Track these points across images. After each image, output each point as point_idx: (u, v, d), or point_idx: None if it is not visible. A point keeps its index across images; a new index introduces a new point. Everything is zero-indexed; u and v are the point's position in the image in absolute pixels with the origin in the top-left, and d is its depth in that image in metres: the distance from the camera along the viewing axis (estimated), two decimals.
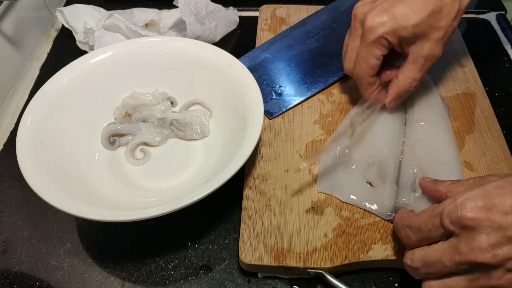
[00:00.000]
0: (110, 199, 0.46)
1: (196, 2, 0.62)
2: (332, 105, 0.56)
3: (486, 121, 0.53)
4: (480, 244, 0.32)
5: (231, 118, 0.51)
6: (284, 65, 0.61)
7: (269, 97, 0.57)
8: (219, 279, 0.44)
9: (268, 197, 0.47)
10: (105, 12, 0.67)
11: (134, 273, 0.45)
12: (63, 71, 0.52)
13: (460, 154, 0.50)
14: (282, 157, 0.51)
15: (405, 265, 0.38)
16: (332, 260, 0.42)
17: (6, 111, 0.61)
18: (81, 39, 0.65)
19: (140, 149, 0.53)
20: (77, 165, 0.48)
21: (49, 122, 0.48)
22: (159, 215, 0.39)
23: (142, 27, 0.64)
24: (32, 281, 0.45)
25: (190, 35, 0.62)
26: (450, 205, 0.34)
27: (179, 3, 0.60)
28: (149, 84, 0.55)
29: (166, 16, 0.67)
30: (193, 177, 0.50)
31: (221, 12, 0.66)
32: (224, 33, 0.68)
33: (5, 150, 0.56)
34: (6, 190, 0.52)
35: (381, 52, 0.47)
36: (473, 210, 0.33)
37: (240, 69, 0.51)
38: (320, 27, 0.65)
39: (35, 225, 0.49)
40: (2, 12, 0.60)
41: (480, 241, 0.32)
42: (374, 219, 0.45)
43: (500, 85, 0.61)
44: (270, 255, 0.43)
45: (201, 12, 0.63)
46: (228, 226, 0.48)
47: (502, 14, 0.71)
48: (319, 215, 0.46)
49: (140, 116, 0.54)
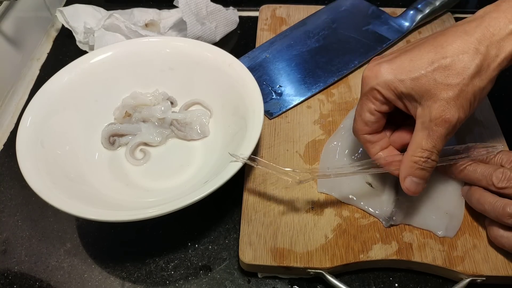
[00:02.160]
0: (110, 199, 0.46)
1: (197, 2, 0.62)
2: (332, 105, 0.56)
3: (486, 121, 0.53)
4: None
5: (231, 118, 0.51)
6: (284, 65, 0.61)
7: (269, 97, 0.57)
8: (219, 279, 0.44)
9: (268, 197, 0.47)
10: (105, 12, 0.67)
11: (134, 273, 0.45)
12: (63, 71, 0.52)
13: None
14: (282, 157, 0.51)
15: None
16: (332, 260, 0.42)
17: (6, 111, 0.61)
18: (81, 39, 0.65)
19: (140, 149, 0.53)
20: (77, 165, 0.48)
21: (49, 122, 0.48)
22: (159, 215, 0.39)
23: (142, 27, 0.64)
24: (32, 281, 0.45)
25: (191, 35, 0.62)
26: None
27: (179, 4, 0.61)
28: (149, 84, 0.55)
29: (166, 16, 0.67)
30: (193, 177, 0.50)
31: (221, 12, 0.66)
32: (224, 33, 0.68)
33: (5, 150, 0.56)
34: (6, 190, 0.52)
35: (374, 106, 0.41)
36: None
37: (240, 69, 0.51)
38: (320, 27, 0.65)
39: (35, 225, 0.49)
40: (2, 12, 0.60)
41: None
42: (374, 219, 0.45)
43: (500, 85, 0.61)
44: (270, 255, 0.43)
45: (201, 12, 0.63)
46: (228, 226, 0.48)
47: None
48: (319, 215, 0.46)
49: (140, 116, 0.54)
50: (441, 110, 0.37)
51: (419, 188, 0.40)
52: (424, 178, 0.40)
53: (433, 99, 0.37)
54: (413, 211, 0.45)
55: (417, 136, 0.39)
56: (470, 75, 0.37)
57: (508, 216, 0.39)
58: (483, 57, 0.37)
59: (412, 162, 0.39)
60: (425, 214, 0.45)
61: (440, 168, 0.45)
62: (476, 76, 0.37)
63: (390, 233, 0.44)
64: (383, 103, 0.40)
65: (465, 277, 0.42)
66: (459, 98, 0.37)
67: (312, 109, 0.56)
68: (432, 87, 0.37)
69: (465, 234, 0.44)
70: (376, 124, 0.42)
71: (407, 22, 0.64)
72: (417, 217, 0.45)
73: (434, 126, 0.37)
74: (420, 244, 0.43)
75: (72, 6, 0.66)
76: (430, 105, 0.37)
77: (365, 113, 0.41)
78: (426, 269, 0.44)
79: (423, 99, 0.38)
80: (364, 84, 0.41)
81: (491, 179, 0.41)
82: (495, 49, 0.37)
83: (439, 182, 0.46)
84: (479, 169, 0.43)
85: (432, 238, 0.44)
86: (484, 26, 0.37)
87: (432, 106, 0.37)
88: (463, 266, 0.42)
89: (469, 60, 0.37)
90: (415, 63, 0.38)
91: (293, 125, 0.54)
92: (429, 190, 0.46)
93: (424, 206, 0.45)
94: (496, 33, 0.37)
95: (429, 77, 0.37)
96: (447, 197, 0.45)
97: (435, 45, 0.38)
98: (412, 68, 0.38)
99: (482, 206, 0.42)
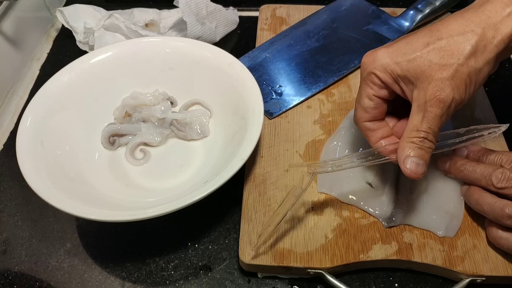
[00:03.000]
0: (110, 199, 0.46)
1: (197, 2, 0.62)
2: (332, 105, 0.56)
3: (486, 121, 0.53)
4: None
5: (231, 118, 0.51)
6: (284, 65, 0.61)
7: (269, 97, 0.57)
8: (219, 279, 0.44)
9: (268, 197, 0.47)
10: (105, 12, 0.67)
11: (134, 273, 0.45)
12: (63, 71, 0.52)
13: None
14: (282, 157, 0.51)
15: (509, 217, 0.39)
16: (332, 260, 0.42)
17: (6, 111, 0.61)
18: (81, 39, 0.65)
19: (140, 149, 0.53)
20: (77, 165, 0.48)
21: (49, 122, 0.48)
22: (159, 215, 0.39)
23: (142, 27, 0.64)
24: (32, 281, 0.45)
25: (191, 35, 0.62)
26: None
27: (179, 4, 0.61)
28: (149, 84, 0.55)
29: (166, 16, 0.67)
30: (193, 177, 0.50)
31: (221, 12, 0.66)
32: (224, 33, 0.68)
33: (5, 150, 0.56)
34: (6, 190, 0.52)
35: (372, 91, 0.41)
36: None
37: (240, 69, 0.51)
38: (320, 27, 0.65)
39: (35, 225, 0.49)
40: (2, 12, 0.60)
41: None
42: (374, 219, 0.45)
43: (500, 85, 0.61)
44: (270, 255, 0.43)
45: (201, 12, 0.63)
46: (228, 226, 0.48)
47: None
48: (319, 215, 0.46)
49: (140, 116, 0.54)
50: (435, 90, 0.37)
51: (419, 169, 0.38)
52: (424, 158, 0.38)
53: (428, 80, 0.37)
54: (413, 211, 0.45)
55: (413, 119, 0.39)
56: (466, 55, 0.37)
57: (507, 217, 0.39)
58: (479, 38, 0.37)
59: (409, 142, 0.38)
60: (425, 214, 0.45)
61: (440, 166, 0.46)
62: (471, 57, 0.37)
63: (390, 233, 0.44)
64: (381, 88, 0.40)
65: (465, 277, 0.42)
66: (454, 78, 0.37)
67: (312, 109, 0.56)
68: (427, 68, 0.37)
69: (465, 234, 0.44)
70: (375, 110, 0.42)
71: (407, 22, 0.64)
72: (417, 217, 0.45)
73: (429, 107, 0.37)
74: (420, 244, 0.43)
75: (72, 6, 0.66)
76: (425, 86, 0.37)
77: (364, 99, 0.41)
78: (426, 269, 0.44)
79: (419, 80, 0.38)
80: (362, 70, 0.41)
81: (491, 179, 0.41)
82: (492, 30, 0.37)
83: (438, 182, 0.46)
84: (479, 169, 0.43)
85: (432, 238, 0.44)
86: (480, 11, 0.38)
87: (427, 87, 0.37)
88: (463, 266, 0.42)
89: (464, 41, 0.37)
90: (411, 45, 0.38)
91: (293, 125, 0.54)
92: (428, 190, 0.46)
93: (424, 206, 0.45)
94: (492, 16, 0.37)
95: (424, 58, 0.37)
96: (447, 197, 0.46)
97: (431, 29, 0.39)
98: (408, 51, 0.38)
99: (481, 206, 0.42)
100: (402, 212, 0.45)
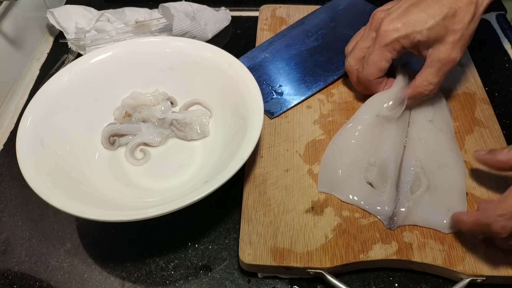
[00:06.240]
0: (110, 199, 0.46)
1: (180, 3, 0.63)
2: (332, 105, 0.56)
3: (486, 121, 0.53)
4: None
5: (231, 118, 0.51)
6: (284, 64, 0.61)
7: (270, 97, 0.57)
8: (219, 279, 0.44)
9: (268, 197, 0.47)
10: (96, 12, 0.68)
11: (134, 273, 0.45)
12: (63, 71, 0.52)
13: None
14: (282, 157, 0.51)
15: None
16: (332, 260, 0.42)
17: (6, 111, 0.61)
18: (72, 40, 0.65)
19: (140, 149, 0.53)
20: (77, 165, 0.48)
21: (49, 122, 0.48)
22: (159, 215, 0.39)
23: (132, 26, 0.64)
24: (32, 281, 0.45)
25: (178, 29, 0.62)
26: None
27: (165, 4, 0.61)
28: (149, 84, 0.55)
29: (157, 16, 0.67)
30: (193, 177, 0.50)
31: (207, 10, 0.67)
32: (216, 31, 0.68)
33: (5, 150, 0.56)
34: (6, 190, 0.52)
35: (392, 55, 0.48)
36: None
37: (240, 69, 0.51)
38: (318, 26, 0.65)
39: (35, 225, 0.49)
40: (2, 12, 0.60)
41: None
42: (374, 219, 0.45)
43: (500, 85, 0.61)
44: (270, 255, 0.43)
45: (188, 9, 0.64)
46: (228, 226, 0.48)
47: (502, 14, 0.71)
48: (319, 215, 0.46)
49: (140, 116, 0.54)
50: (448, 51, 0.46)
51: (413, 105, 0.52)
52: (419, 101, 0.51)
53: (441, 42, 0.46)
54: (414, 210, 0.45)
55: (426, 71, 0.48)
56: (468, 21, 0.45)
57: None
58: (475, 5, 0.45)
59: (417, 92, 0.50)
60: (427, 212, 0.45)
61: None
62: (471, 22, 0.46)
63: (390, 233, 0.44)
64: (398, 52, 0.48)
65: (465, 277, 0.42)
66: (460, 40, 0.46)
67: (312, 109, 0.56)
68: (443, 33, 0.46)
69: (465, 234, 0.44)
70: (386, 70, 0.50)
71: None
72: (419, 215, 0.45)
73: (443, 65, 0.47)
74: (420, 244, 0.43)
75: (62, 7, 0.67)
76: (439, 47, 0.46)
77: (382, 62, 0.49)
78: (426, 269, 0.44)
79: (435, 42, 0.46)
80: (384, 37, 0.47)
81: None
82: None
83: (439, 179, 0.46)
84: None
85: (432, 238, 0.44)
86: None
87: (441, 48, 0.46)
88: (463, 266, 0.42)
89: (468, 8, 0.45)
90: (426, 13, 0.46)
91: (293, 125, 0.54)
92: (430, 188, 0.46)
93: (425, 204, 0.45)
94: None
95: (441, 25, 0.45)
96: (448, 194, 0.46)
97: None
98: (426, 18, 0.46)
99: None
100: (403, 212, 0.45)
